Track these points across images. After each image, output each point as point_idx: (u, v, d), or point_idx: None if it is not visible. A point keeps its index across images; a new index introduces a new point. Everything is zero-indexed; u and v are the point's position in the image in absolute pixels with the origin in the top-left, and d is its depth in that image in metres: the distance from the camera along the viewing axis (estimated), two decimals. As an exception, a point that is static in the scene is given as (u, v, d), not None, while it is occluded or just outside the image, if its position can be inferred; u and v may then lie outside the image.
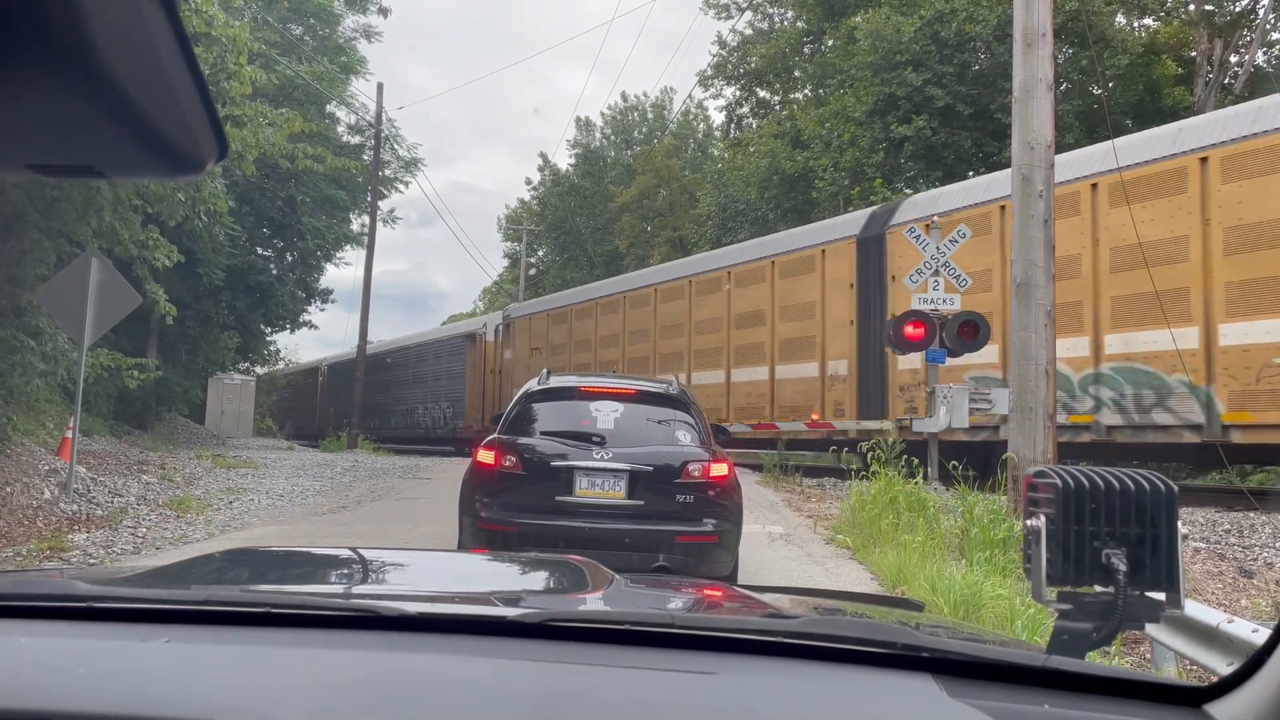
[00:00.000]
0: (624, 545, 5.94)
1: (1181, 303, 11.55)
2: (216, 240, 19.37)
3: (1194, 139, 11.85)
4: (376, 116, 29.94)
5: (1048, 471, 1.51)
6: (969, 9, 23.11)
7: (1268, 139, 10.96)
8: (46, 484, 10.60)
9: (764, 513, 11.37)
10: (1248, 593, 7.05)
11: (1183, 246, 11.65)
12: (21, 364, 10.92)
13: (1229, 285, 11.20)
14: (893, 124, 24.11)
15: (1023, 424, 8.76)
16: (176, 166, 0.66)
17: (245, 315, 26.83)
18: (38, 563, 7.65)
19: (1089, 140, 19.07)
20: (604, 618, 1.40)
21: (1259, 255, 10.93)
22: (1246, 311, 11.01)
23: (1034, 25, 8.94)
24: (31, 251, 11.19)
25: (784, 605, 2.00)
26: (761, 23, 36.75)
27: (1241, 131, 11.30)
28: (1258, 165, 11.05)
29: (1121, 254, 12.26)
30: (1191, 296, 11.52)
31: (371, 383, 34.53)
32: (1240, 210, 11.15)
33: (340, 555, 2.45)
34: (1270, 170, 10.91)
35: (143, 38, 0.58)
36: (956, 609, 5.89)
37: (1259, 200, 10.98)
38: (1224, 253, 11.26)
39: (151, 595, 1.41)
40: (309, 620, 1.29)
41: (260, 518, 11.06)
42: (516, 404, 6.81)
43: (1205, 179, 11.50)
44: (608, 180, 47.72)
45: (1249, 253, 11.02)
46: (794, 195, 28.71)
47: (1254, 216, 11.02)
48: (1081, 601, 1.45)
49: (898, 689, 1.15)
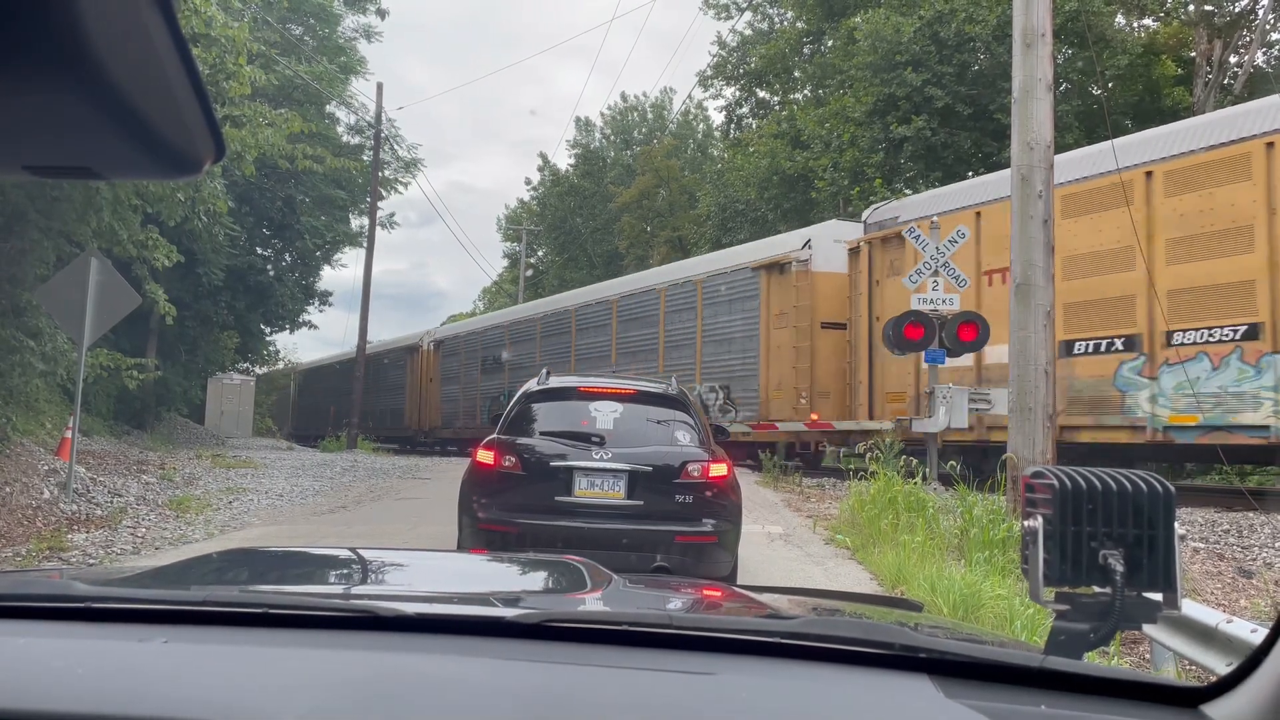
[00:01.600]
0: (623, 545, 5.94)
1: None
2: (216, 240, 19.37)
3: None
4: (376, 117, 29.96)
5: (1045, 472, 1.51)
6: (968, 9, 23.12)
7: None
8: (46, 484, 10.60)
9: (763, 513, 11.37)
10: (1247, 593, 7.05)
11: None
12: (21, 364, 10.93)
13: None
14: (892, 124, 24.11)
15: (1022, 424, 8.76)
16: (174, 167, 0.67)
17: (245, 315, 26.86)
18: (37, 563, 7.64)
19: (1088, 141, 19.08)
20: (602, 618, 1.40)
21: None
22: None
23: (1033, 25, 8.94)
24: (31, 251, 11.20)
25: (782, 605, 2.00)
26: (761, 23, 36.82)
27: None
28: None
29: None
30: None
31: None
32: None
33: (339, 555, 2.45)
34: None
35: (140, 39, 0.58)
36: (955, 609, 5.89)
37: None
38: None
39: (150, 595, 1.41)
40: (308, 621, 1.29)
41: (259, 518, 11.06)
42: (516, 404, 6.81)
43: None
44: (607, 180, 47.74)
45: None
46: (794, 195, 28.72)
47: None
48: (1079, 602, 1.45)
49: (895, 689, 1.16)
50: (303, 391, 47.65)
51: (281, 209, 25.56)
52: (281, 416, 51.38)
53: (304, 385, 47.41)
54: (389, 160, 31.90)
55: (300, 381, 48.46)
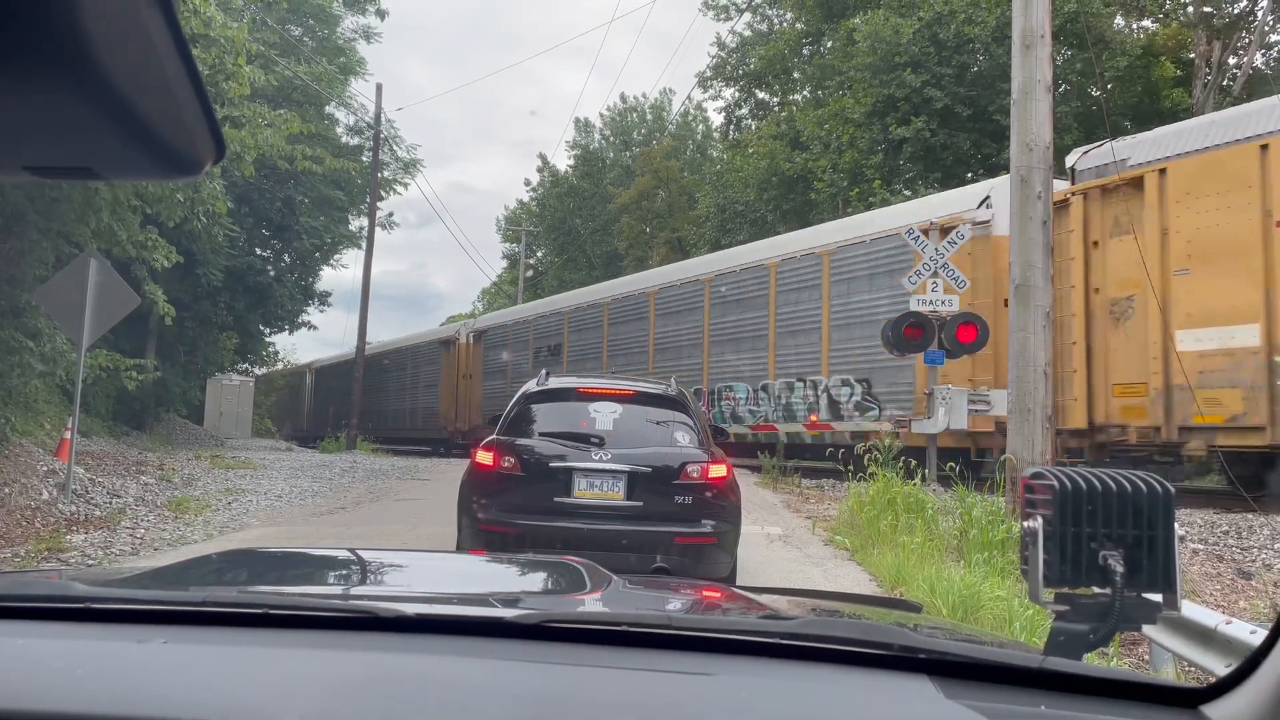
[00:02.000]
0: (622, 546, 5.94)
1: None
2: (215, 241, 19.37)
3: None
4: (375, 117, 29.97)
5: (1045, 473, 1.51)
6: (968, 10, 23.15)
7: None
8: (45, 485, 10.59)
9: (763, 514, 11.37)
10: (1246, 594, 7.05)
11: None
12: (20, 365, 10.92)
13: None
14: (891, 125, 24.13)
15: (1021, 425, 8.77)
16: (174, 168, 0.67)
17: (244, 316, 26.85)
18: (36, 563, 7.64)
19: (1087, 142, 19.09)
20: (602, 619, 1.40)
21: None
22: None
23: (1032, 27, 8.95)
24: (30, 252, 11.19)
25: (782, 606, 2.00)
26: (761, 24, 36.83)
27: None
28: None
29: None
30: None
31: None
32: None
33: (338, 556, 2.45)
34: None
35: (140, 39, 0.58)
36: (955, 610, 5.89)
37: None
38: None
39: (149, 596, 1.41)
40: (307, 621, 1.29)
41: (259, 519, 11.06)
42: (515, 405, 6.81)
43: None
44: (607, 181, 47.75)
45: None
46: (793, 196, 28.73)
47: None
48: (1079, 603, 1.45)
49: (895, 690, 1.16)
50: (317, 391, 45.15)
51: (281, 210, 25.55)
52: (287, 416, 49.68)
53: (318, 383, 45.22)
54: (388, 161, 31.93)
55: (314, 379, 46.10)
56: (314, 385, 46.27)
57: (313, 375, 46.44)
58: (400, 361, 36.62)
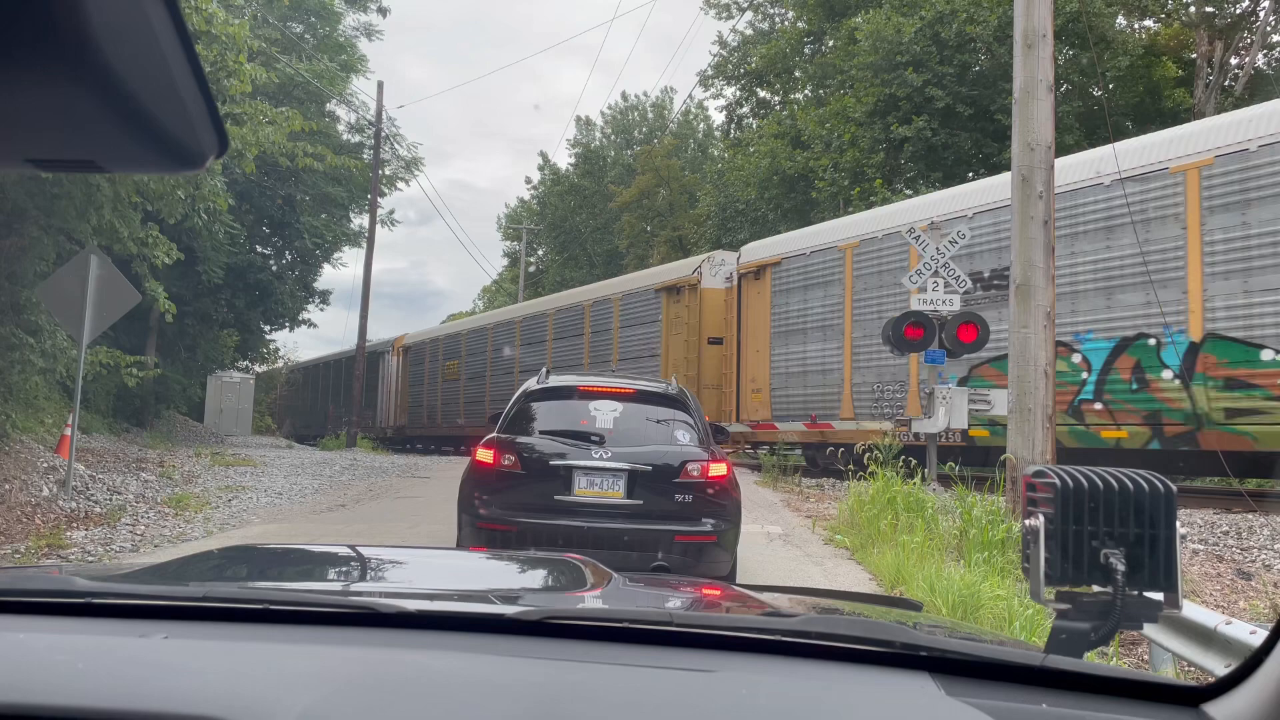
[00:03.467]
0: (623, 544, 5.94)
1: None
2: (216, 238, 19.38)
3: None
4: (377, 115, 29.94)
5: (1046, 471, 1.51)
6: (970, 10, 23.13)
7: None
8: (45, 481, 10.59)
9: (763, 513, 11.37)
10: (1246, 595, 7.05)
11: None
12: (20, 361, 10.92)
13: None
14: (893, 125, 24.12)
15: (1021, 424, 8.76)
16: (177, 161, 0.67)
17: (244, 313, 26.86)
18: (36, 560, 7.64)
19: (1089, 142, 19.09)
20: (602, 616, 1.40)
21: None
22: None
23: (1034, 26, 8.94)
24: (31, 248, 11.19)
25: (782, 604, 1.99)
26: (762, 23, 36.81)
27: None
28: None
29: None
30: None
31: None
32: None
33: (339, 553, 2.45)
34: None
35: (144, 32, 0.58)
36: (955, 609, 5.89)
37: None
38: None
39: (150, 591, 1.41)
40: (307, 617, 1.29)
41: (259, 516, 11.06)
42: (515, 403, 6.80)
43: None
44: (608, 180, 47.74)
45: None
46: (794, 195, 28.72)
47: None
48: (1080, 601, 1.45)
49: (896, 687, 1.15)
50: (316, 389, 43.10)
51: (281, 207, 25.55)
52: (291, 412, 48.70)
53: (305, 379, 44.52)
54: (389, 159, 31.91)
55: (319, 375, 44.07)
56: (302, 382, 46.05)
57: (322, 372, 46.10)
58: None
